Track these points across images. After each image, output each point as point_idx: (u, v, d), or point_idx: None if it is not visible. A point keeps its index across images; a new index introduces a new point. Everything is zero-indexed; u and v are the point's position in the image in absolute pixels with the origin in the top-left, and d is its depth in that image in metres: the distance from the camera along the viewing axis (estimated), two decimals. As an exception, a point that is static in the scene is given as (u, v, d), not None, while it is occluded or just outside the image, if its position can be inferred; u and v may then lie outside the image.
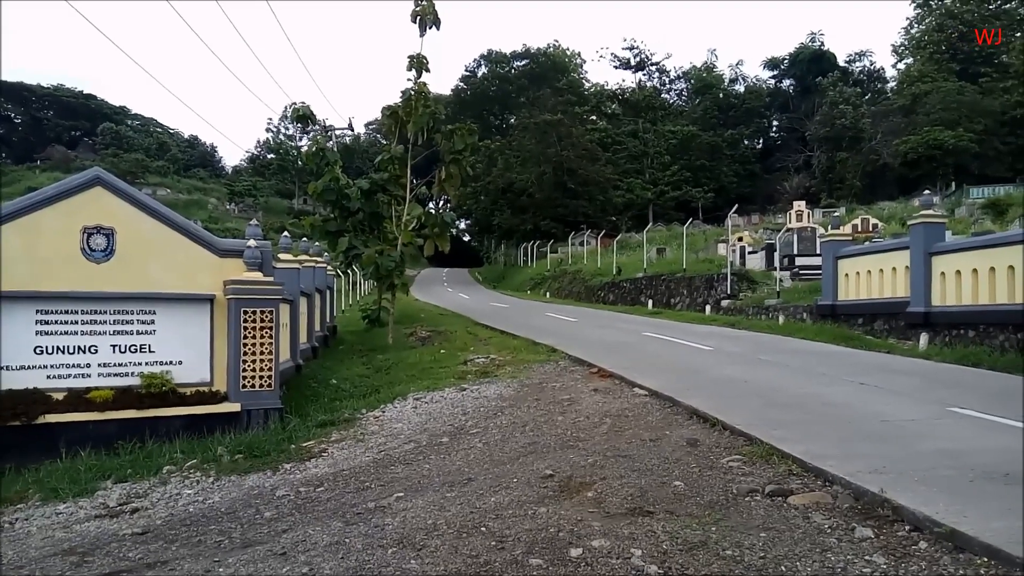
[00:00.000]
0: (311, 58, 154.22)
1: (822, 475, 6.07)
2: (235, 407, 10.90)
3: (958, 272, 14.36)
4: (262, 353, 11.14)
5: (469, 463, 7.80)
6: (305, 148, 25.30)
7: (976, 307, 13.87)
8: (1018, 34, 68.88)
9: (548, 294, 43.47)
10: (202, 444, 10.04)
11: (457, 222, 77.66)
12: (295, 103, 22.83)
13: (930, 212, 16.07)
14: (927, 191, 22.95)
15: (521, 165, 67.30)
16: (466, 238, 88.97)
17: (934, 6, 73.91)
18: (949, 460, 6.21)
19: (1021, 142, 61.67)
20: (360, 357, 18.35)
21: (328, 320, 22.50)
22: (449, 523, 5.67)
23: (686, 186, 73.24)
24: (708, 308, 25.18)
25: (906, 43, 76.99)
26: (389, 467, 8.09)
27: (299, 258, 16.58)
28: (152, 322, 10.83)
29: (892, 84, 78.37)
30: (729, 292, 25.08)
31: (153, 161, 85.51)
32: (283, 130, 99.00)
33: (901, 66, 77.29)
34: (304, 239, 20.71)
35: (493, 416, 10.17)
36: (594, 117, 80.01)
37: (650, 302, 30.09)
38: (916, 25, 76.12)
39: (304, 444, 9.84)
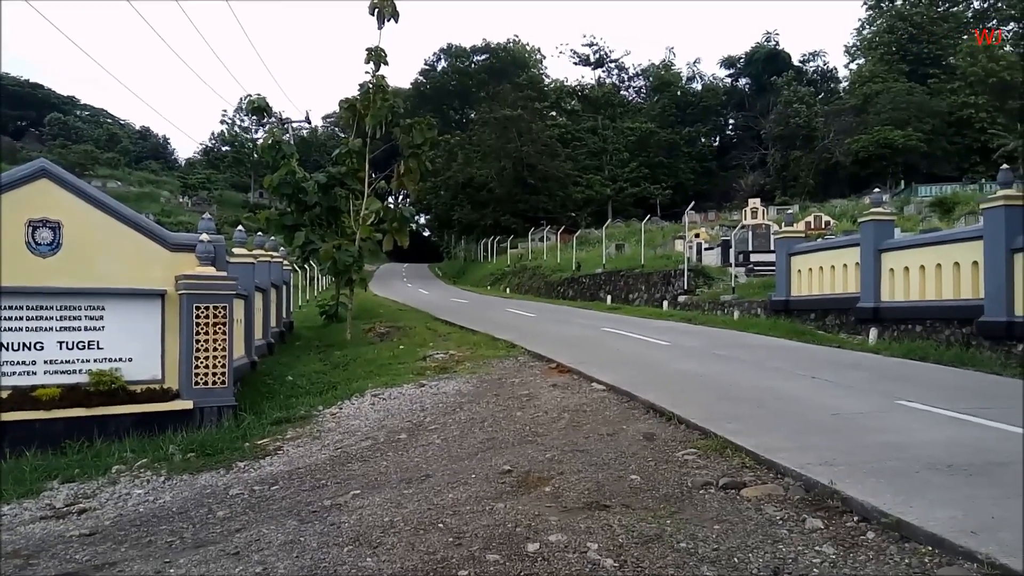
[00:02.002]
0: (267, 49, 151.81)
1: (774, 467, 6.19)
2: (187, 405, 10.69)
3: (906, 268, 14.75)
4: (215, 349, 10.94)
5: (427, 459, 7.77)
6: (261, 141, 24.84)
7: (923, 303, 14.27)
8: (964, 37, 71.01)
9: (508, 289, 43.52)
10: (153, 443, 9.84)
11: (416, 217, 77.25)
12: (251, 95, 22.50)
13: (880, 210, 16.47)
14: (877, 189, 23.51)
15: (481, 160, 67.18)
16: (426, 233, 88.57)
17: (885, 8, 75.78)
18: (896, 452, 6.37)
19: (967, 142, 63.66)
20: (317, 353, 18.15)
21: (285, 316, 22.20)
22: (406, 520, 5.64)
23: (645, 183, 73.93)
24: (665, 303, 25.47)
25: (858, 44, 78.81)
26: (346, 464, 8.01)
27: (254, 253, 16.32)
28: (101, 318, 10.56)
29: (844, 84, 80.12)
30: (686, 288, 25.40)
31: (103, 153, 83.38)
32: (238, 122, 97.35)
33: (853, 66, 79.09)
34: (260, 233, 20.38)
35: (452, 412, 10.14)
36: (554, 113, 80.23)
37: (609, 298, 30.32)
38: (868, 26, 77.97)
39: (259, 442, 9.69)
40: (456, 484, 6.59)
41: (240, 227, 17.04)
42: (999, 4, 74.48)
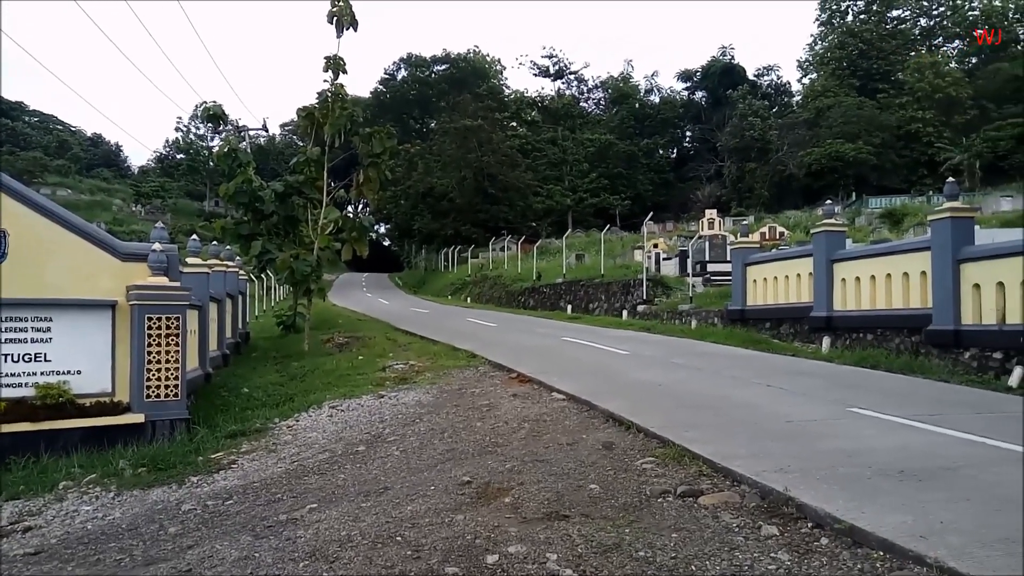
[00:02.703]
0: (224, 56, 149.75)
1: (731, 475, 6.26)
2: (138, 418, 10.42)
3: (857, 278, 15.10)
4: (168, 361, 10.70)
5: (386, 471, 7.68)
6: (217, 149, 24.46)
7: (874, 312, 14.61)
8: (912, 53, 73.36)
9: (469, 299, 43.43)
10: (103, 457, 9.56)
11: (376, 226, 76.90)
12: (206, 102, 22.11)
13: (832, 221, 16.84)
14: (829, 201, 24.07)
15: (442, 170, 67.10)
16: (386, 243, 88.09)
17: (836, 25, 77.93)
18: (848, 458, 6.50)
19: (915, 155, 65.65)
20: (274, 364, 17.87)
21: (240, 326, 21.82)
22: (364, 533, 5.56)
23: (604, 193, 74.65)
24: (625, 313, 25.67)
25: (810, 59, 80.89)
26: (302, 478, 7.88)
27: (209, 262, 16.02)
28: (48, 329, 10.26)
29: (797, 98, 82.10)
30: (645, 297, 25.65)
31: (52, 160, 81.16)
32: (194, 130, 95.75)
33: (805, 81, 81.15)
34: (215, 242, 20.01)
35: (411, 423, 10.06)
36: (514, 123, 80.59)
37: (569, 307, 30.45)
38: (819, 42, 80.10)
39: (212, 456, 9.49)
40: (415, 496, 6.52)
41: (194, 236, 16.72)
42: (944, 23, 77.20)
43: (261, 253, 20.35)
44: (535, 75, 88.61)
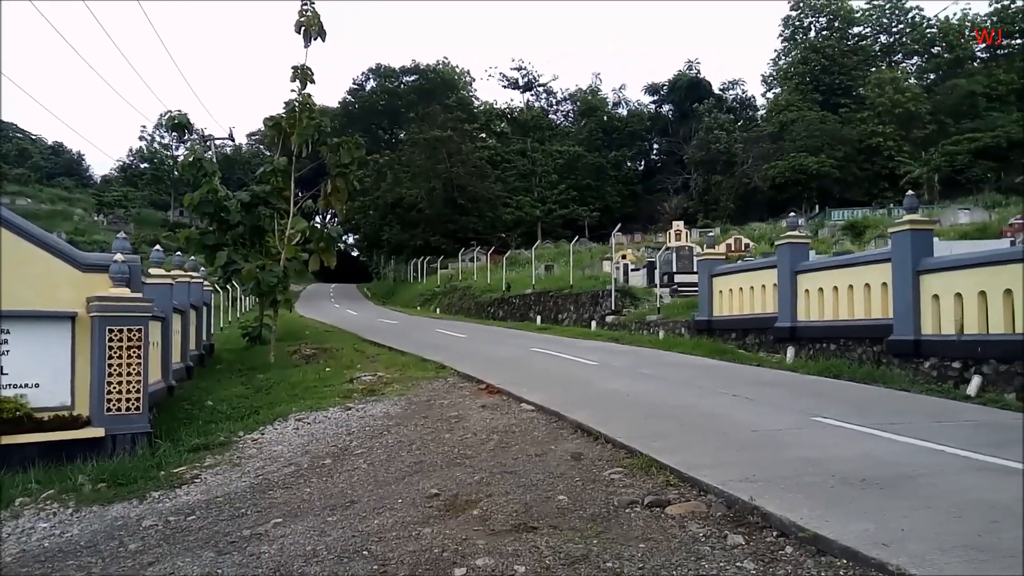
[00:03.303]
0: (189, 65, 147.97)
1: (697, 484, 6.30)
2: (99, 432, 10.19)
3: (821, 289, 15.35)
4: (129, 374, 10.49)
5: (352, 485, 7.60)
6: (182, 158, 24.13)
7: (837, 322, 14.85)
8: (872, 69, 75.11)
9: (438, 310, 43.28)
10: (61, 473, 9.31)
11: (344, 237, 76.29)
12: (171, 111, 21.79)
13: (795, 233, 17.12)
14: (793, 213, 24.47)
15: (411, 180, 66.95)
16: (354, 253, 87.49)
17: (799, 40, 79.52)
18: (812, 467, 6.58)
19: (876, 169, 67.13)
20: (239, 376, 17.60)
21: (205, 338, 21.49)
22: (329, 548, 5.49)
23: (573, 205, 75.10)
24: (594, 324, 25.78)
25: (774, 74, 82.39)
26: (267, 492, 7.76)
27: (172, 273, 15.75)
28: (5, 342, 10.00)
29: (762, 112, 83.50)
30: (613, 308, 25.78)
31: (12, 168, 79.41)
32: (158, 139, 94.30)
33: (770, 95, 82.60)
34: (179, 253, 19.70)
35: (379, 435, 9.98)
36: (483, 135, 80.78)
37: (539, 318, 30.50)
38: (783, 57, 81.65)
39: (175, 470, 9.30)
40: (382, 509, 6.46)
41: (157, 246, 16.47)
42: (904, 40, 79.22)
43: (227, 264, 20.07)
44: (504, 87, 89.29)
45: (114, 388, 10.37)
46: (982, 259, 12.03)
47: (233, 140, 46.15)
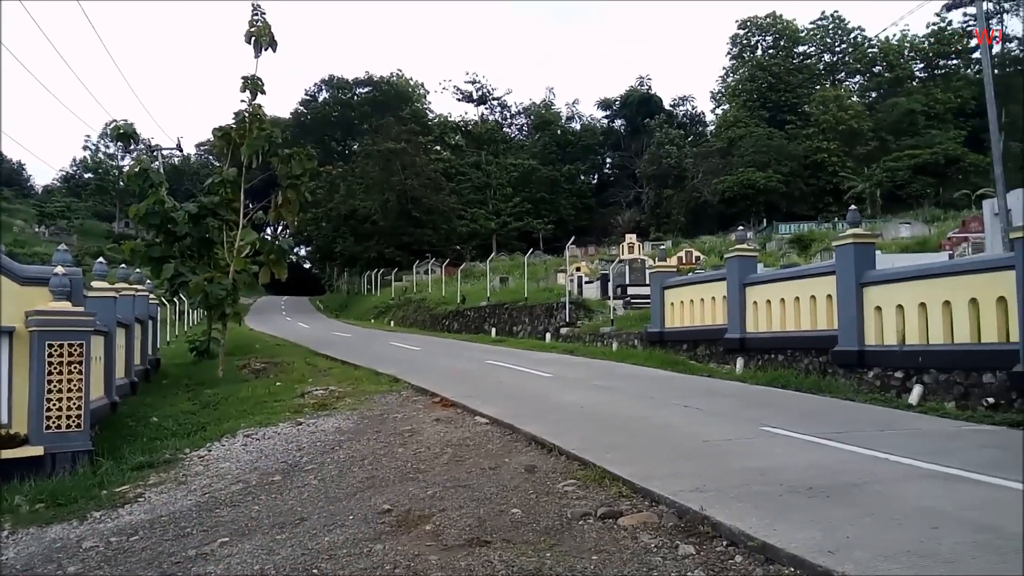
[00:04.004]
0: (136, 73, 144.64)
1: (649, 495, 6.35)
2: (37, 451, 9.81)
3: (768, 301, 15.67)
4: (70, 390, 10.14)
5: (302, 502, 7.46)
6: (127, 168, 23.56)
7: (784, 333, 15.18)
8: (817, 87, 77.38)
9: (393, 323, 42.96)
10: (-5, 494, 8.93)
11: (296, 249, 75.31)
12: (116, 120, 21.25)
13: (744, 246, 17.47)
14: (741, 227, 24.98)
15: (364, 192, 66.47)
16: (307, 265, 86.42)
17: (746, 59, 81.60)
18: (761, 476, 6.69)
19: (821, 184, 69.09)
20: (186, 392, 17.17)
21: (150, 352, 20.93)
22: (278, 567, 5.38)
23: (528, 217, 75.53)
24: (548, 336, 25.88)
25: (723, 91, 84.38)
26: (214, 510, 7.57)
27: (116, 286, 15.34)
28: (-65, 358, 9.58)
29: (711, 128, 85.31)
30: (568, 320, 25.93)
31: (-56, 178, 76.37)
32: (103, 148, 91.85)
33: (719, 111, 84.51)
34: (123, 265, 19.18)
35: (330, 451, 9.82)
36: (438, 147, 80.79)
37: (493, 330, 30.49)
38: (731, 75, 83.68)
39: (117, 489, 9.00)
40: (333, 526, 6.36)
41: (100, 259, 15.98)
42: (847, 59, 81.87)
43: (173, 276, 19.62)
44: (458, 100, 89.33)
45: (54, 405, 10.02)
46: (922, 272, 12.43)
47: (181, 150, 45.42)
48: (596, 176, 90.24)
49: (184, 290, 20.29)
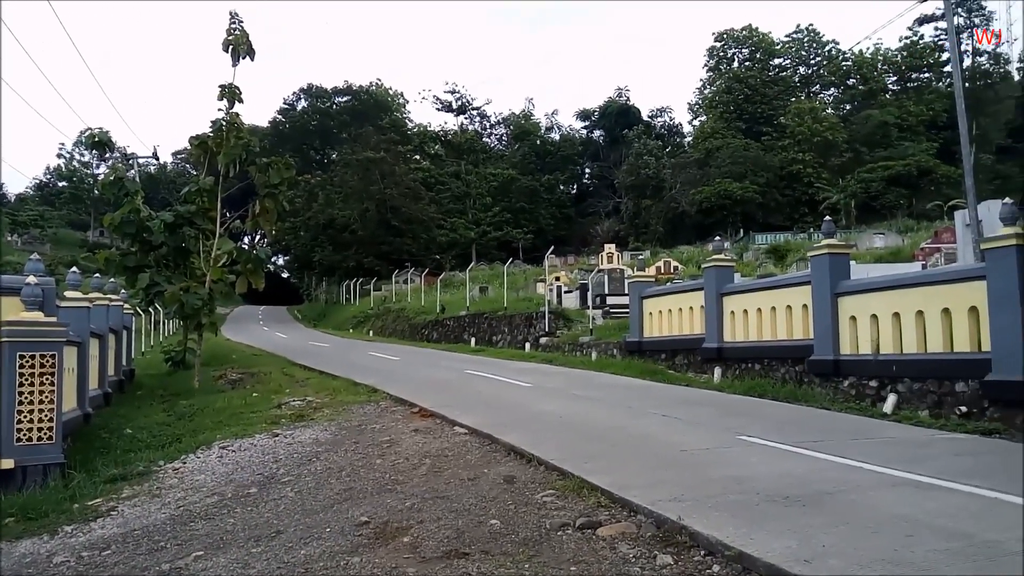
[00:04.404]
0: (111, 81, 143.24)
1: (628, 505, 6.36)
2: (8, 464, 9.60)
3: (745, 311, 15.80)
4: (42, 402, 9.96)
5: (278, 514, 7.38)
6: (102, 177, 23.31)
7: (761, 343, 15.30)
8: (792, 99, 78.41)
9: (372, 332, 42.75)
10: (-37, 508, 8.74)
11: (274, 258, 74.77)
12: (91, 128, 21.01)
13: (721, 256, 17.60)
14: (719, 237, 25.17)
15: (343, 201, 66.22)
16: (285, 275, 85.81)
17: (723, 71, 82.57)
18: (738, 485, 6.73)
19: (797, 195, 69.97)
20: (161, 403, 16.94)
21: (125, 363, 20.64)
22: (254, 581, 5.31)
23: (507, 227, 75.68)
24: (528, 345, 25.88)
25: (700, 102, 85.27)
26: (188, 524, 7.46)
27: (90, 296, 15.12)
28: (-98, 369, 9.38)
29: (688, 139, 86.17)
30: (547, 330, 25.96)
31: (-86, 186, 74.97)
32: (77, 157, 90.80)
33: (696, 123, 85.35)
34: (98, 275, 18.93)
35: (307, 462, 9.74)
36: (417, 157, 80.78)
37: (473, 340, 30.44)
38: (708, 87, 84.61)
39: (90, 503, 8.84)
40: (309, 539, 6.30)
41: (74, 268, 15.75)
42: (821, 72, 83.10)
43: (149, 286, 19.39)
44: (438, 109, 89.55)
45: (25, 417, 9.83)
46: (895, 282, 12.60)
47: (157, 159, 44.93)
48: (575, 186, 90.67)
49: (159, 300, 20.06)
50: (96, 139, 20.68)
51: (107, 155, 27.66)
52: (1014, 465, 7.74)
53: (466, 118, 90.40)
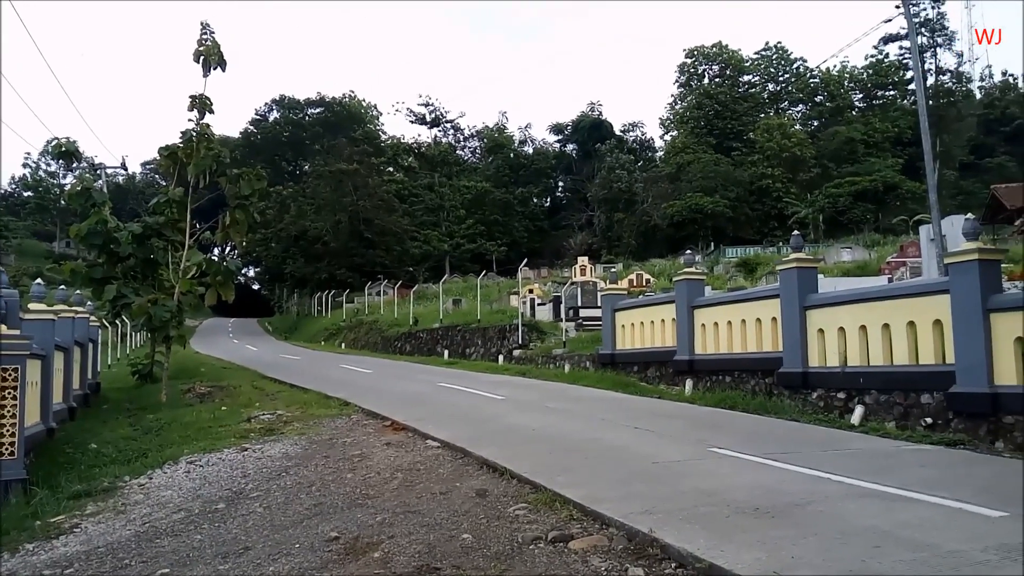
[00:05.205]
0: (79, 90, 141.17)
1: (599, 518, 6.36)
2: (-33, 480, 9.39)
3: (716, 324, 15.94)
4: (3, 416, 9.76)
5: (247, 530, 7.27)
6: (69, 187, 22.93)
7: (731, 355, 15.44)
8: (761, 115, 79.64)
9: (344, 345, 42.43)
10: (-80, 526, 8.49)
11: (244, 269, 73.96)
12: (58, 138, 20.68)
13: (692, 270, 17.76)
14: (690, 250, 25.42)
15: (316, 213, 65.78)
16: (255, 287, 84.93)
17: (694, 87, 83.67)
18: (709, 498, 6.77)
19: (766, 209, 70.93)
20: (127, 417, 16.63)
21: (90, 377, 20.26)
22: (221, 598, 5.22)
23: (481, 239, 75.70)
24: (501, 358, 25.86)
25: (671, 117, 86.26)
26: (154, 540, 7.32)
27: (55, 308, 14.84)
28: None
29: (660, 153, 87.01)
30: (520, 342, 25.97)
31: None
32: (43, 166, 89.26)
33: (667, 138, 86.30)
34: (63, 287, 18.58)
35: (277, 477, 9.62)
36: (391, 169, 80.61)
37: (446, 352, 30.35)
38: (679, 102, 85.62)
39: (52, 519, 8.64)
40: (278, 555, 6.21)
41: (38, 280, 15.46)
42: (790, 88, 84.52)
43: (116, 298, 19.08)
44: (412, 122, 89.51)
45: (-15, 432, 9.61)
46: (862, 296, 12.81)
47: (126, 169, 44.41)
48: (549, 199, 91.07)
49: (127, 312, 19.74)
50: (63, 149, 20.37)
51: (74, 165, 27.19)
52: (978, 476, 7.89)
53: (440, 131, 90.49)
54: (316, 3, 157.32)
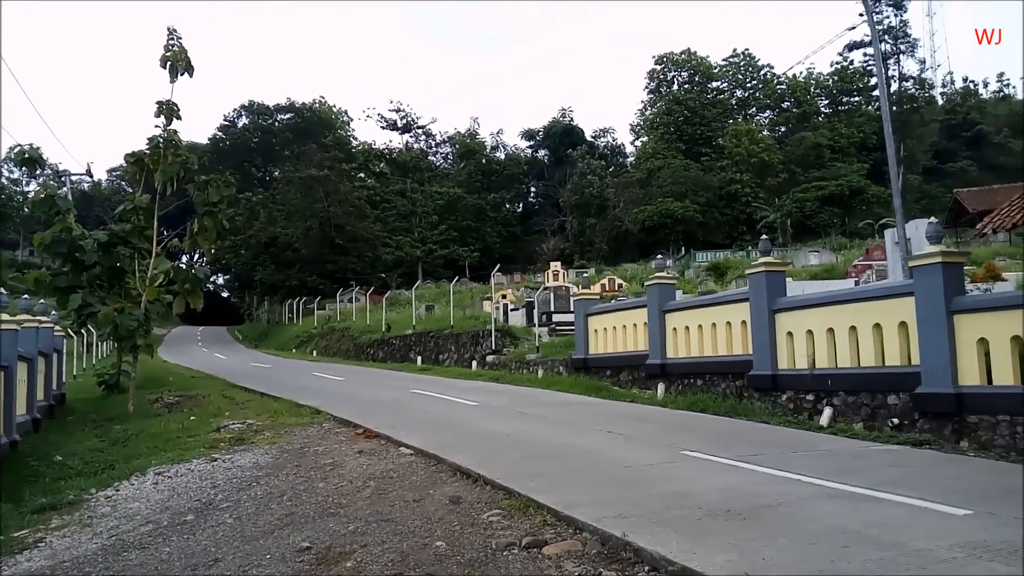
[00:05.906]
0: (42, 96, 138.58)
1: (573, 523, 6.38)
2: (-76, 496, 9.13)
3: (687, 327, 16.08)
4: (-37, 430, 9.51)
5: (217, 542, 7.17)
6: (32, 195, 22.50)
7: (702, 359, 15.58)
8: (730, 121, 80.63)
9: (315, 352, 42.05)
10: None
11: (213, 277, 73.01)
12: (20, 144, 20.24)
13: (663, 274, 17.90)
14: (661, 255, 25.60)
15: (286, 219, 65.19)
16: (225, 294, 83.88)
17: (663, 93, 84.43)
18: (681, 500, 6.82)
19: (735, 213, 71.77)
20: (93, 428, 16.30)
21: (55, 387, 19.83)
22: (190, 612, 5.14)
23: (453, 245, 75.60)
24: (475, 363, 25.82)
25: (641, 123, 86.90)
26: (120, 554, 7.19)
27: (18, 317, 14.52)
28: None
29: (631, 159, 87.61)
30: (494, 348, 25.95)
31: None
32: (6, 174, 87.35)
33: (638, 143, 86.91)
34: (26, 296, 18.20)
35: (247, 487, 9.49)
36: (362, 175, 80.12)
37: (419, 359, 30.23)
38: (649, 108, 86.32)
39: (16, 534, 8.43)
40: (249, 567, 6.13)
41: (2, 289, 15.13)
42: (757, 95, 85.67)
43: (81, 307, 18.70)
44: (383, 128, 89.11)
45: (-57, 446, 9.37)
46: (829, 299, 13.01)
47: (91, 176, 43.55)
48: (521, 205, 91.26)
49: (92, 321, 19.35)
50: (26, 156, 19.92)
51: (38, 172, 26.64)
52: (943, 475, 8.05)
53: (411, 136, 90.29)
54: (285, 8, 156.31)
